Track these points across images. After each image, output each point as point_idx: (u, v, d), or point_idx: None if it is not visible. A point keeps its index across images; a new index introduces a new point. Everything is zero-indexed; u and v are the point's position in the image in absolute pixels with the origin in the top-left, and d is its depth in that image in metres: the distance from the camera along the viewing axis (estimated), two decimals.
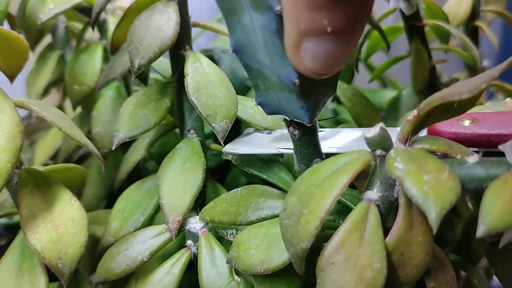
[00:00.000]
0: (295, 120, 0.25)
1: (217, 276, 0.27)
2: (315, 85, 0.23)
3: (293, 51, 0.20)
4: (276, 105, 0.24)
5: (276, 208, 0.27)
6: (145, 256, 0.27)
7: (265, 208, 0.27)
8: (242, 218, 0.27)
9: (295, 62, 0.21)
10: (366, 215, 0.21)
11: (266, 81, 0.24)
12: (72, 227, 0.27)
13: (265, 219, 0.26)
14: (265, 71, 0.23)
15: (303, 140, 0.26)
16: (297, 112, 0.24)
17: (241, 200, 0.27)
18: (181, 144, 0.32)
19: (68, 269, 0.26)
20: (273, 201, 0.27)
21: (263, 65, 0.23)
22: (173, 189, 0.29)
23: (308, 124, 0.25)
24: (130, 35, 0.29)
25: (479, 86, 0.19)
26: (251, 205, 0.27)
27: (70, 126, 0.28)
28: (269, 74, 0.23)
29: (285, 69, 0.22)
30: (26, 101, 0.27)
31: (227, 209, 0.27)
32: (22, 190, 0.27)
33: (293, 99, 0.23)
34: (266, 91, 0.24)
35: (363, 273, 0.20)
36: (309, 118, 0.24)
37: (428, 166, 0.19)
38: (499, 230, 0.16)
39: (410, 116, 0.20)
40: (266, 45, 0.22)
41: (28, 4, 0.40)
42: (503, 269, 0.25)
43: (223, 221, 0.27)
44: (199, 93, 0.29)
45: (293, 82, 0.22)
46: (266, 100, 0.25)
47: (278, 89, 0.23)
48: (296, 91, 0.23)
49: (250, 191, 0.28)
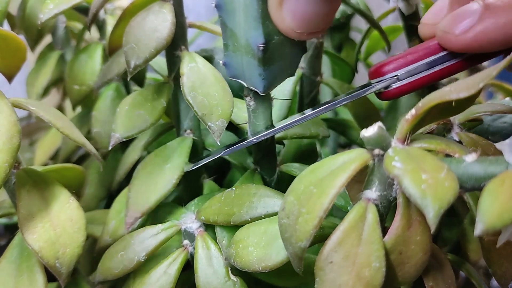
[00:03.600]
0: (251, 88, 0.26)
1: (213, 276, 0.27)
2: (277, 57, 0.25)
3: (276, 8, 0.22)
4: (238, 68, 0.26)
5: (269, 206, 0.26)
6: (142, 257, 0.27)
7: (259, 207, 0.27)
8: (236, 217, 0.27)
9: (277, 19, 0.22)
10: (364, 214, 0.21)
11: (235, 42, 0.25)
12: (70, 227, 0.27)
13: (259, 218, 0.26)
14: (237, 32, 0.24)
15: (256, 112, 0.28)
16: (254, 78, 0.26)
17: (235, 199, 0.27)
18: (173, 142, 0.32)
19: (66, 269, 0.26)
20: (267, 199, 0.27)
21: (237, 25, 0.24)
22: (143, 186, 0.30)
23: (261, 93, 0.26)
24: (125, 35, 0.29)
25: (476, 85, 0.19)
26: (245, 204, 0.27)
27: (68, 126, 0.28)
28: (240, 36, 0.24)
29: (255, 32, 0.23)
30: (24, 101, 0.27)
31: (221, 209, 0.27)
32: (20, 190, 0.27)
33: (254, 65, 0.25)
34: (233, 52, 0.25)
35: (361, 272, 0.20)
36: (264, 87, 0.26)
37: (426, 165, 0.19)
38: (496, 229, 0.16)
39: (408, 115, 0.20)
40: (245, 6, 0.23)
41: (28, 4, 0.40)
42: (501, 268, 0.25)
43: (217, 221, 0.27)
44: (195, 93, 0.29)
45: (258, 46, 0.24)
46: (232, 61, 0.26)
47: (244, 52, 0.25)
48: (259, 57, 0.24)
49: (244, 190, 0.28)
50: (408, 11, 0.39)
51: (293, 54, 0.26)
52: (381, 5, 0.41)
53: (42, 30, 0.43)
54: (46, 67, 0.43)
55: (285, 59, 0.25)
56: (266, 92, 0.26)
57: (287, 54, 0.25)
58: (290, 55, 0.25)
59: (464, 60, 0.26)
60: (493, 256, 0.25)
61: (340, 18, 0.49)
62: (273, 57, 0.25)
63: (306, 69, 0.39)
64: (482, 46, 0.24)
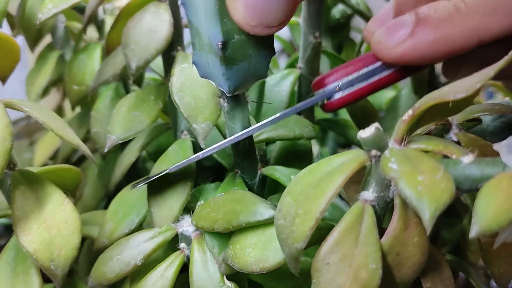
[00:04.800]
0: (220, 89, 0.26)
1: (208, 280, 0.26)
2: (239, 57, 0.24)
3: (233, 2, 0.21)
4: (205, 67, 0.25)
5: (251, 215, 0.25)
6: (138, 260, 0.27)
7: (241, 216, 0.26)
8: (219, 225, 0.26)
9: (231, 10, 0.22)
10: (361, 215, 0.21)
11: (200, 41, 0.24)
12: (65, 229, 0.27)
13: (239, 227, 0.25)
14: (201, 30, 0.24)
15: (231, 114, 0.27)
16: (219, 78, 0.25)
17: (222, 205, 0.27)
18: (173, 146, 0.32)
19: (61, 271, 0.26)
20: (251, 206, 0.26)
21: (200, 23, 0.24)
22: (162, 198, 0.29)
23: (228, 94, 0.25)
24: (124, 37, 0.29)
25: (474, 85, 0.19)
26: (229, 211, 0.26)
27: (62, 127, 0.28)
28: (203, 34, 0.24)
29: (215, 29, 0.23)
30: (18, 102, 0.27)
31: (208, 215, 0.27)
32: (14, 192, 0.27)
33: (217, 64, 0.24)
34: (199, 50, 0.25)
35: (358, 273, 0.20)
36: (229, 88, 0.25)
37: (423, 166, 0.18)
38: (493, 230, 0.16)
39: (405, 116, 0.20)
40: (205, 3, 0.22)
41: (27, 4, 0.40)
42: (499, 269, 0.25)
43: (204, 227, 0.27)
44: (182, 93, 0.28)
45: (217, 44, 0.23)
46: (199, 60, 0.25)
47: (208, 50, 0.24)
48: (220, 56, 0.23)
49: (231, 196, 0.27)
50: None
51: (259, 55, 0.25)
52: (381, 5, 0.41)
53: (42, 30, 0.43)
54: (46, 67, 0.43)
55: (250, 60, 0.24)
56: (233, 93, 0.25)
57: (251, 55, 0.24)
58: (255, 56, 0.25)
59: (397, 71, 0.27)
60: (491, 257, 0.25)
61: (340, 18, 0.49)
62: (235, 57, 0.24)
63: (304, 69, 0.39)
64: (412, 60, 0.24)
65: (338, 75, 0.27)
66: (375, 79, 0.27)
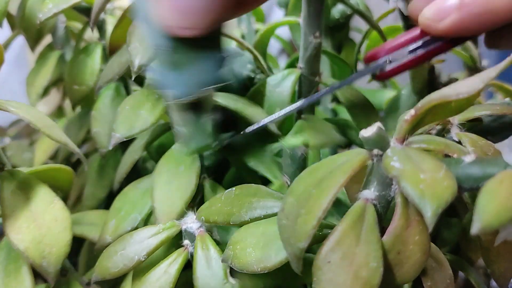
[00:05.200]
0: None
1: (212, 278, 0.27)
2: (183, 62, 0.23)
3: (156, 2, 0.21)
4: (157, 72, 0.25)
5: (268, 207, 0.26)
6: (142, 256, 0.27)
7: (258, 208, 0.26)
8: (236, 218, 0.26)
9: (158, 14, 0.21)
10: (363, 214, 0.21)
11: (146, 43, 0.24)
12: (56, 226, 0.27)
13: (258, 218, 0.26)
14: (144, 33, 0.24)
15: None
16: (167, 85, 0.24)
17: (235, 200, 0.27)
18: (177, 144, 0.32)
19: (54, 267, 0.27)
20: (266, 200, 0.27)
21: (142, 26, 0.24)
22: (166, 194, 0.30)
23: (178, 101, 0.25)
24: (129, 35, 0.29)
25: (476, 86, 0.19)
26: (245, 205, 0.27)
27: (49, 126, 0.28)
28: (146, 37, 0.24)
29: (151, 33, 0.22)
30: (3, 102, 0.27)
31: (221, 209, 0.27)
32: (4, 191, 0.27)
33: (163, 70, 0.24)
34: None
35: (359, 272, 0.20)
36: (178, 94, 0.24)
37: (425, 165, 0.19)
38: (493, 228, 0.16)
39: (408, 115, 0.20)
40: (140, 4, 0.22)
41: (28, 4, 0.40)
42: (499, 268, 0.25)
43: (217, 221, 0.27)
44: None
45: (155, 48, 0.23)
46: (154, 73, 0.25)
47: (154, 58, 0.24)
48: (160, 60, 0.23)
49: (244, 191, 0.28)
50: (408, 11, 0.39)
51: (205, 60, 0.24)
52: (381, 5, 0.41)
53: (42, 30, 0.43)
54: (46, 67, 0.43)
55: (195, 65, 0.23)
56: (185, 98, 0.24)
57: (195, 58, 0.23)
58: (201, 60, 0.23)
59: (444, 43, 0.29)
60: (492, 255, 0.25)
61: (340, 18, 0.49)
62: (178, 61, 0.23)
63: (305, 69, 0.39)
64: (460, 32, 0.26)
65: (388, 49, 0.30)
66: (423, 52, 0.29)
